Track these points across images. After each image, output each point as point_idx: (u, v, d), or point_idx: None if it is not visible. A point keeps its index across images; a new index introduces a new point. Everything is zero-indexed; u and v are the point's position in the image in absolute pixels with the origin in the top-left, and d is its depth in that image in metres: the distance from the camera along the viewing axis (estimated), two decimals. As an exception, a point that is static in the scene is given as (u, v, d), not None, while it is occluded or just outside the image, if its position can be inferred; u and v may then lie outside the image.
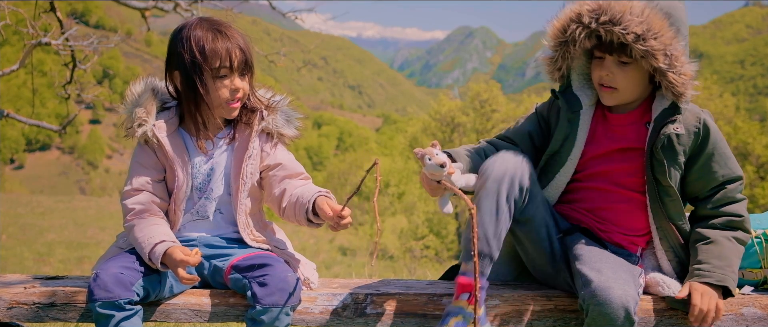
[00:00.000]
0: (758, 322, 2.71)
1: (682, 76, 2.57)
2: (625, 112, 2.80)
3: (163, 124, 2.74)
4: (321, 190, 2.69)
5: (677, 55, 2.55)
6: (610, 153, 2.79)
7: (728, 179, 2.74)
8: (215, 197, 2.80)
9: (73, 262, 13.01)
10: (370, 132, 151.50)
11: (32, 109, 8.71)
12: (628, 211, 2.80)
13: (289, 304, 2.54)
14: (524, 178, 2.61)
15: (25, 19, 7.20)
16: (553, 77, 2.85)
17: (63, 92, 8.33)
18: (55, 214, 25.71)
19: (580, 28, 2.63)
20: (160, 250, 2.55)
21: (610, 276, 2.45)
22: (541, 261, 2.80)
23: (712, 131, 2.71)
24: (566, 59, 2.76)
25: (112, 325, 2.46)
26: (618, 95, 2.72)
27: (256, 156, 2.80)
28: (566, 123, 2.81)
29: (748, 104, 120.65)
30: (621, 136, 2.79)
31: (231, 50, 2.65)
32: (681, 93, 2.61)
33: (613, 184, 2.79)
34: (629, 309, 2.38)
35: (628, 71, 2.66)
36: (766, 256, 2.87)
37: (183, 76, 2.69)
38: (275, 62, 9.83)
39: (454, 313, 2.52)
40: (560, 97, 2.82)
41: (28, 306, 2.66)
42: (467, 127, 36.37)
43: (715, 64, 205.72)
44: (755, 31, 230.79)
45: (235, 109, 2.74)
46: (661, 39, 2.53)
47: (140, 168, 2.76)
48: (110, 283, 2.46)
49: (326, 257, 18.74)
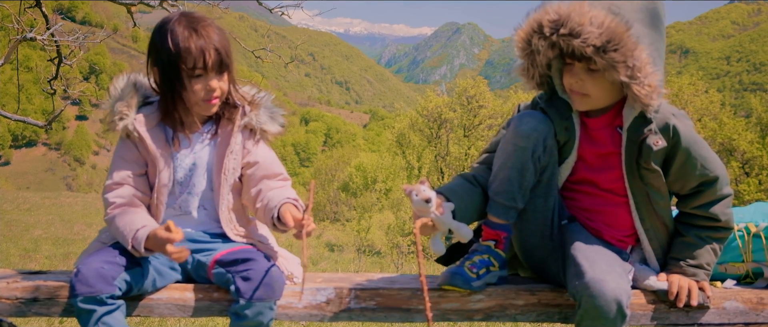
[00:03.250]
0: (740, 316, 2.73)
1: (646, 87, 2.48)
2: (598, 115, 2.74)
3: (143, 118, 2.73)
4: (289, 198, 2.69)
5: (640, 66, 2.44)
6: (592, 158, 2.77)
7: (705, 181, 2.70)
8: (197, 192, 2.80)
9: (60, 258, 12.94)
10: (357, 128, 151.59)
11: (18, 105, 8.67)
12: (616, 214, 2.79)
13: (272, 298, 2.54)
14: (549, 137, 2.66)
15: (11, 14, 7.16)
16: (530, 85, 2.78)
17: (49, 88, 8.29)
18: (41, 211, 25.59)
19: (542, 39, 2.54)
20: (142, 234, 2.54)
21: (603, 268, 2.46)
22: (535, 239, 2.80)
23: (682, 137, 2.64)
24: (536, 67, 2.70)
25: (94, 320, 2.45)
26: (590, 101, 2.66)
27: (237, 151, 2.80)
28: (563, 131, 2.75)
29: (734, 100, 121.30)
30: (598, 140, 2.76)
31: (205, 50, 2.62)
32: (647, 104, 2.53)
33: (600, 189, 2.79)
34: (622, 302, 2.39)
35: (598, 78, 2.57)
36: (748, 250, 2.88)
37: (161, 73, 2.68)
38: (262, 58, 9.80)
39: (481, 251, 2.74)
40: (549, 109, 2.75)
41: (11, 301, 2.65)
42: (454, 123, 36.35)
43: (701, 60, 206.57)
44: (741, 28, 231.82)
45: (213, 106, 2.73)
46: (622, 50, 2.42)
47: (122, 162, 2.75)
48: (91, 278, 2.46)
49: (313, 253, 18.72)
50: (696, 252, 2.72)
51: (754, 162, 30.08)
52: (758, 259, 2.88)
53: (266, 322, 2.56)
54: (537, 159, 2.66)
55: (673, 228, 2.79)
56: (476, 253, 2.73)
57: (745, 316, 2.73)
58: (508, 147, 2.67)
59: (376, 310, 2.73)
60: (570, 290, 2.53)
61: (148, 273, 2.63)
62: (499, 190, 2.70)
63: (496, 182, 2.71)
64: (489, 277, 2.71)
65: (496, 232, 2.75)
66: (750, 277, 2.92)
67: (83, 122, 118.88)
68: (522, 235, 2.81)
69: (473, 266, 2.68)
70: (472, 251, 2.75)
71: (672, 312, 2.70)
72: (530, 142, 2.63)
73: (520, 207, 2.72)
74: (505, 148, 2.68)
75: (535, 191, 2.73)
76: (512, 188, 2.68)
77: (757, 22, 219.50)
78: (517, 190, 2.68)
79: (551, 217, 2.78)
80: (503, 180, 2.69)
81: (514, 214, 2.73)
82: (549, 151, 2.69)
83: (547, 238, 2.79)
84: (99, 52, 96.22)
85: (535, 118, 2.66)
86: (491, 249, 2.74)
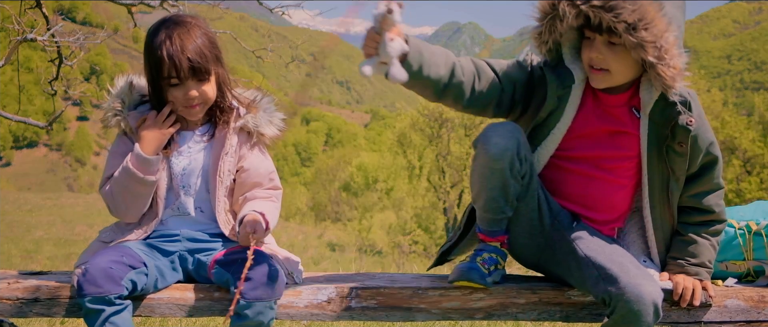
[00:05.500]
0: (741, 314, 2.73)
1: (671, 69, 2.48)
2: (616, 93, 2.70)
3: (137, 116, 2.74)
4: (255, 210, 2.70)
5: (668, 47, 2.45)
6: (599, 135, 2.73)
7: (708, 162, 2.74)
8: (193, 193, 2.80)
9: (61, 259, 12.95)
10: (358, 128, 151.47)
11: (19, 106, 8.67)
12: (611, 197, 2.77)
13: (272, 298, 2.54)
14: (521, 148, 2.61)
15: (11, 15, 7.17)
16: (541, 50, 2.74)
17: (49, 89, 8.29)
18: (42, 212, 25.63)
19: (570, 6, 2.52)
20: (136, 148, 2.65)
21: (636, 272, 2.46)
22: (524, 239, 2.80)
23: (696, 116, 2.65)
24: (553, 33, 2.64)
25: (101, 320, 2.45)
26: (610, 78, 2.62)
27: (232, 154, 2.79)
28: (555, 99, 2.71)
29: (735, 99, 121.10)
30: (612, 117, 2.72)
31: (177, 59, 2.59)
32: (669, 86, 2.54)
33: (601, 169, 2.75)
34: (658, 304, 2.41)
35: (619, 52, 2.54)
36: (749, 248, 2.88)
37: (147, 76, 2.70)
38: (263, 58, 9.80)
39: (489, 249, 2.72)
40: (550, 73, 2.71)
41: (12, 301, 2.64)
42: (455, 122, 36.30)
43: (703, 59, 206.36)
44: (742, 27, 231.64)
45: (195, 112, 2.73)
46: (653, 30, 2.42)
47: (118, 156, 2.75)
48: (100, 278, 2.45)
49: (315, 253, 18.71)
50: (696, 250, 2.73)
51: (756, 160, 30.09)
52: (759, 257, 2.88)
53: (267, 321, 2.55)
54: (516, 173, 2.61)
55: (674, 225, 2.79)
56: (485, 251, 2.72)
57: (746, 314, 2.73)
58: (483, 171, 2.61)
59: (377, 309, 2.73)
60: (596, 294, 2.52)
61: (151, 273, 2.64)
62: (486, 208, 2.67)
63: (481, 202, 2.68)
64: (496, 275, 2.72)
65: (497, 237, 2.74)
66: (751, 275, 2.92)
67: (84, 123, 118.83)
68: (511, 237, 2.80)
69: (485, 262, 2.68)
70: (479, 249, 2.74)
71: (673, 310, 2.70)
72: (505, 161, 2.57)
73: (510, 215, 2.71)
74: (481, 172, 2.62)
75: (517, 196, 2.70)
76: (498, 204, 2.65)
77: (758, 21, 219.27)
78: (504, 204, 2.65)
79: (538, 217, 2.76)
80: (487, 200, 2.65)
81: (506, 222, 2.72)
82: (525, 160, 2.63)
83: (537, 236, 2.78)
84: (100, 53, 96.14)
85: (502, 136, 2.58)
86: (498, 248, 2.74)
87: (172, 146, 2.77)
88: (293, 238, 22.30)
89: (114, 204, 2.74)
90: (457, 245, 2.95)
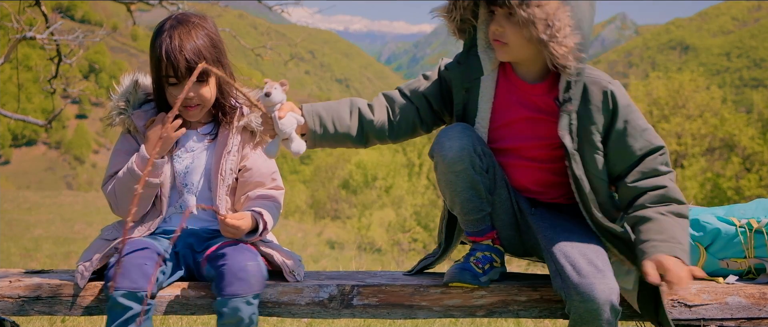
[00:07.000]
0: (743, 311, 2.73)
1: (563, 47, 2.45)
2: (534, 81, 2.68)
3: (142, 114, 2.75)
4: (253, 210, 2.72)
5: (560, 26, 2.43)
6: (518, 124, 2.69)
7: (647, 151, 2.62)
8: (195, 192, 2.80)
9: (61, 258, 12.92)
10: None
11: (18, 104, 8.68)
12: (552, 180, 2.74)
13: (248, 292, 2.51)
14: (477, 143, 2.61)
15: (10, 13, 7.17)
16: (453, 32, 2.76)
17: (49, 87, 8.30)
18: (41, 210, 25.58)
19: None
20: (142, 150, 2.68)
21: (588, 270, 2.44)
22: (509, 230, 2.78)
23: (620, 105, 2.60)
24: (459, 10, 2.66)
25: (126, 317, 2.43)
26: (508, 50, 2.59)
27: (235, 153, 2.79)
28: (462, 92, 2.72)
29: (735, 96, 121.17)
30: (531, 103, 2.68)
31: (175, 59, 2.60)
32: (562, 65, 2.50)
33: (526, 159, 2.72)
34: (614, 302, 2.40)
35: (516, 25, 2.50)
36: (750, 246, 2.89)
37: (151, 73, 2.72)
38: (262, 56, 9.82)
39: (482, 248, 2.70)
40: (454, 69, 2.73)
41: (14, 299, 2.65)
42: (455, 120, 36.29)
43: (702, 56, 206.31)
44: (741, 24, 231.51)
45: (193, 113, 2.74)
46: (545, 8, 2.42)
47: (122, 154, 2.76)
48: (135, 273, 2.45)
49: (314, 251, 18.70)
50: (660, 226, 2.54)
51: (755, 158, 30.05)
52: (760, 255, 2.89)
53: (246, 317, 2.51)
54: (479, 169, 2.61)
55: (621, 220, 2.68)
56: (477, 250, 2.71)
57: (747, 311, 2.73)
58: (448, 177, 2.61)
59: (379, 307, 2.73)
60: (555, 288, 2.53)
61: (167, 270, 2.65)
62: (465, 212, 2.66)
63: (457, 208, 2.67)
64: (493, 273, 2.71)
65: (486, 235, 2.72)
66: (752, 273, 2.92)
67: (83, 121, 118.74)
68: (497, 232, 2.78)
69: (478, 261, 2.67)
70: (472, 249, 2.73)
71: (675, 308, 2.70)
72: (465, 161, 2.57)
73: (489, 210, 2.69)
74: (446, 178, 2.62)
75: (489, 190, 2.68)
76: (474, 204, 2.64)
77: (757, 19, 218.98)
78: (480, 201, 2.65)
79: (512, 206, 2.75)
80: (462, 203, 2.64)
81: (489, 218, 2.70)
82: (484, 154, 2.63)
83: (520, 223, 2.77)
84: (98, 51, 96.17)
85: (455, 138, 2.59)
86: (491, 246, 2.73)
87: (175, 145, 2.77)
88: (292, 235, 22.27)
89: (116, 203, 2.74)
90: (440, 259, 2.93)
